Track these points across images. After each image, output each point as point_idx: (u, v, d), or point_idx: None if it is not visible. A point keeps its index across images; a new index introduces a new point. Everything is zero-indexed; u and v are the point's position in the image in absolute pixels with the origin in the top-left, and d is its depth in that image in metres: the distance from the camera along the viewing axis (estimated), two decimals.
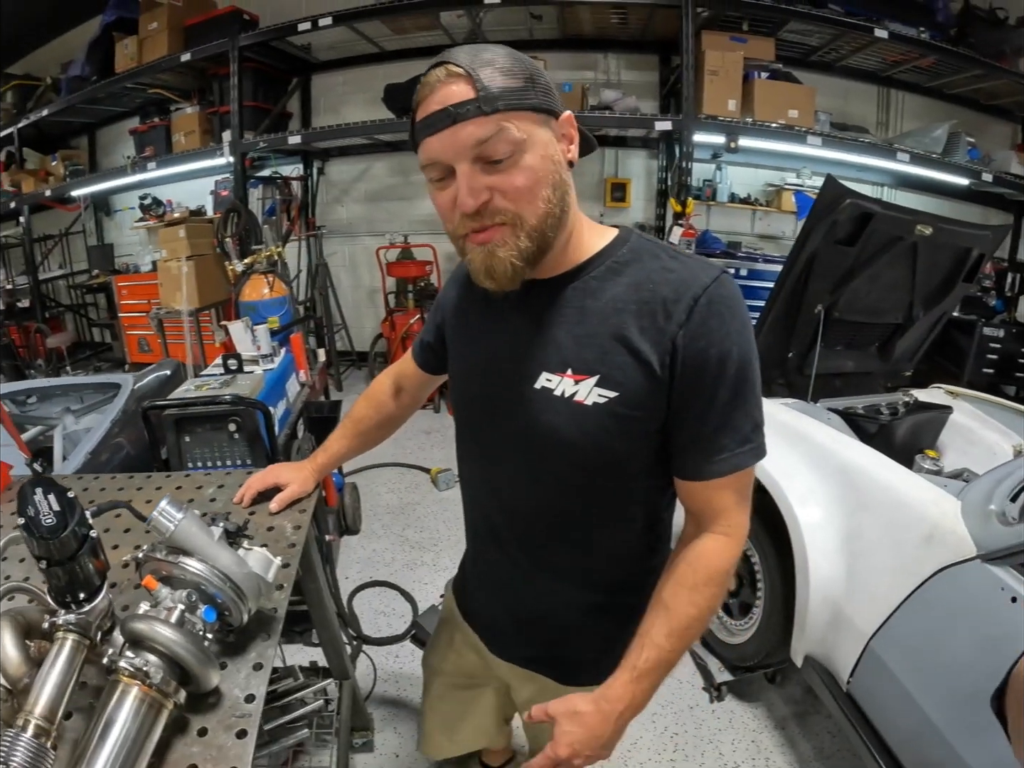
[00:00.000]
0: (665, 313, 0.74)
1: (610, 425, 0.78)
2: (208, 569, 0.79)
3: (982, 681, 1.23)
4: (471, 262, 0.76)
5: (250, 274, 3.01)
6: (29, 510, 0.72)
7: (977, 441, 2.22)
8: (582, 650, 1.00)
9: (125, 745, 0.69)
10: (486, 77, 0.68)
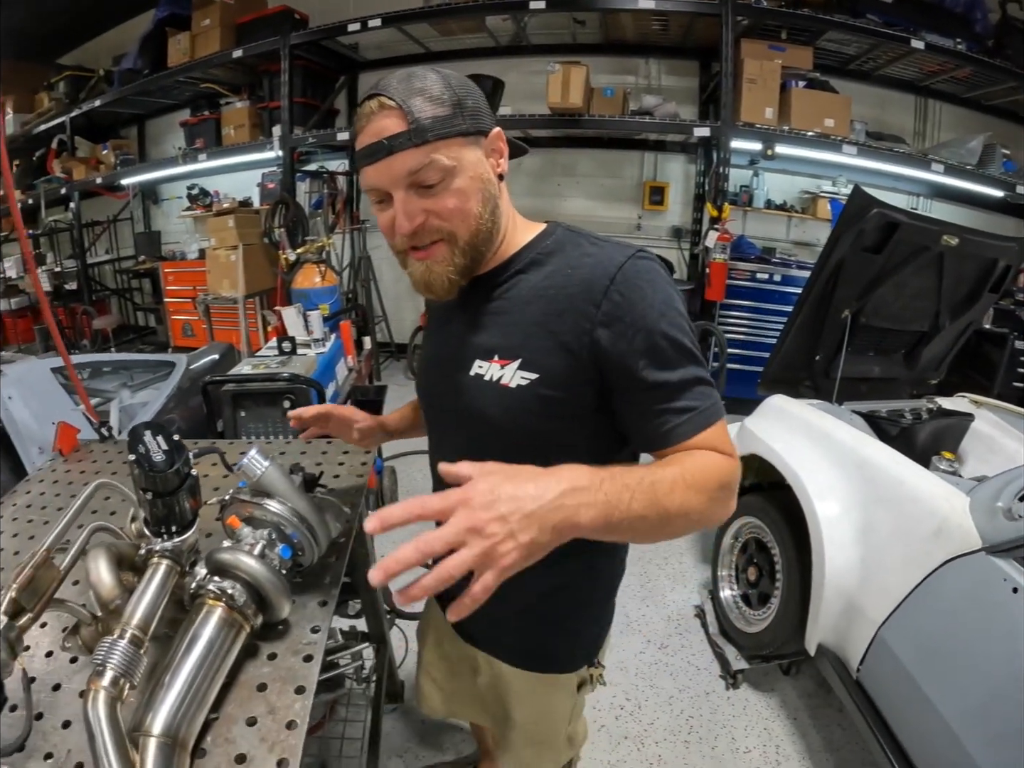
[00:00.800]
0: (584, 295, 0.77)
1: (533, 406, 0.80)
2: (288, 511, 0.91)
3: (984, 669, 1.31)
4: (411, 275, 0.83)
5: (303, 263, 3.18)
6: (140, 448, 0.81)
7: (998, 449, 2.27)
8: (529, 634, 1.03)
9: (207, 658, 0.76)
10: (416, 108, 0.72)
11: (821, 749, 1.94)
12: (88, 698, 0.67)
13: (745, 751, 1.94)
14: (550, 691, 1.08)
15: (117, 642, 0.72)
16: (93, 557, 0.85)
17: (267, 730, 0.75)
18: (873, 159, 3.98)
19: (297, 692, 0.80)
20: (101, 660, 0.70)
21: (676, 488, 0.69)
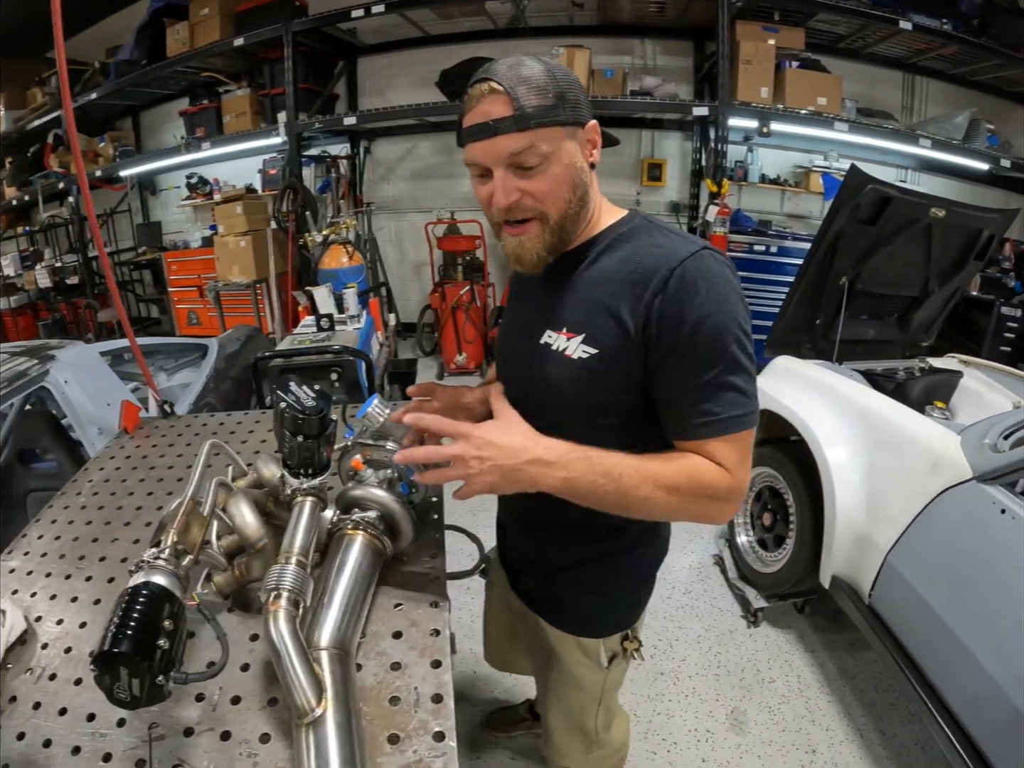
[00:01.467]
0: (644, 283, 0.83)
1: (590, 377, 0.88)
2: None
3: (982, 580, 1.51)
4: (504, 247, 0.91)
5: (329, 244, 3.32)
6: (290, 396, 0.91)
7: (986, 404, 2.48)
8: (567, 593, 1.10)
9: (357, 578, 0.86)
10: (522, 96, 0.79)
11: (837, 677, 2.15)
12: (269, 618, 0.73)
13: (770, 681, 2.15)
14: (580, 658, 1.14)
15: (286, 567, 0.79)
16: (235, 503, 0.94)
17: (414, 640, 0.86)
18: (863, 135, 4.18)
19: (432, 606, 0.92)
20: (275, 584, 0.77)
21: (644, 484, 0.80)
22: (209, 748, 0.73)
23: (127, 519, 1.22)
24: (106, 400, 2.16)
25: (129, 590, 0.70)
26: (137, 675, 0.65)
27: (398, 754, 0.69)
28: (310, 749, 0.66)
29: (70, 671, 0.86)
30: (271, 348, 3.72)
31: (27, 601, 1.01)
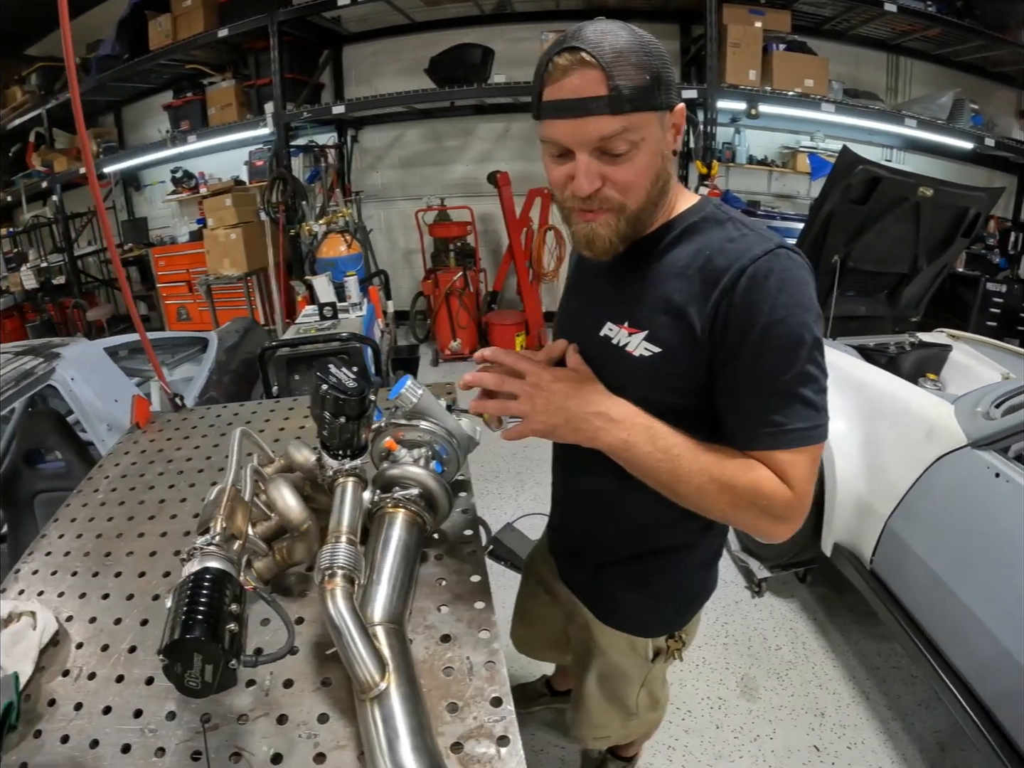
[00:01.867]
0: (714, 281, 0.77)
1: (651, 377, 0.83)
2: (440, 428, 1.07)
3: (979, 540, 1.59)
4: (575, 233, 0.84)
5: (328, 233, 3.32)
6: (331, 379, 0.90)
7: (975, 376, 2.56)
8: (617, 590, 1.09)
9: (403, 555, 0.88)
10: (619, 74, 0.70)
11: (841, 643, 2.23)
12: (327, 596, 0.73)
13: (776, 648, 2.22)
14: (626, 652, 1.13)
15: (337, 546, 0.79)
16: (275, 487, 0.94)
17: (460, 612, 0.87)
18: (850, 115, 4.23)
19: (473, 580, 0.93)
20: (328, 563, 0.77)
21: (701, 474, 0.77)
22: (267, 733, 0.73)
23: (151, 513, 1.22)
24: (113, 396, 2.17)
25: (191, 577, 0.70)
26: (211, 660, 0.64)
27: (459, 722, 0.71)
28: (378, 723, 0.67)
29: (109, 669, 0.85)
30: (269, 340, 3.73)
31: (55, 601, 1.00)
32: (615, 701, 1.22)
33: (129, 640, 0.90)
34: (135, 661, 0.86)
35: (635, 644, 1.12)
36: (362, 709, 0.69)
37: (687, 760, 1.81)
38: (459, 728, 0.71)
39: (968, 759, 1.78)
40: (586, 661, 1.21)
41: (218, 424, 1.64)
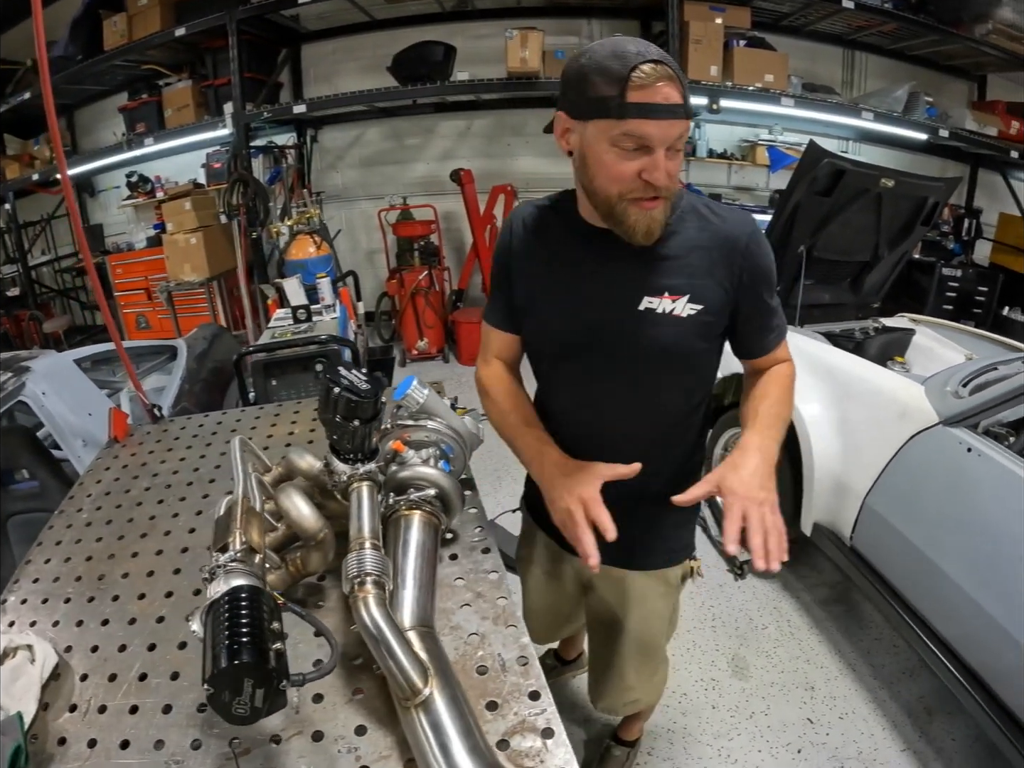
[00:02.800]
0: (730, 246, 1.00)
1: (698, 330, 1.03)
2: (446, 427, 1.09)
3: (953, 511, 1.68)
4: (635, 223, 0.94)
5: (295, 235, 3.27)
6: (343, 381, 0.89)
7: (938, 358, 2.68)
8: (655, 537, 1.21)
9: (424, 556, 0.88)
10: (686, 88, 0.88)
11: (824, 618, 2.32)
12: (360, 605, 0.72)
13: (763, 627, 2.29)
14: (659, 590, 1.27)
15: (363, 552, 0.78)
16: (287, 496, 0.92)
17: (483, 610, 0.89)
18: (809, 109, 4.36)
19: (491, 576, 0.95)
20: (357, 571, 0.75)
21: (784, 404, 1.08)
22: (303, 752, 0.71)
23: (142, 530, 1.18)
24: (87, 410, 2.10)
25: (225, 597, 0.68)
26: (262, 684, 0.62)
27: (500, 719, 0.72)
28: (426, 729, 0.66)
29: (121, 699, 0.81)
30: (239, 346, 3.66)
31: (50, 631, 0.94)
32: (647, 657, 1.35)
33: (138, 667, 0.86)
34: (148, 689, 0.82)
35: (668, 577, 1.28)
36: (407, 716, 0.69)
37: (687, 741, 1.86)
38: (502, 725, 0.71)
39: (954, 721, 1.88)
40: (618, 622, 1.30)
41: (202, 434, 1.59)
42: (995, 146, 4.85)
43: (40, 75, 1.21)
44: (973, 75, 5.40)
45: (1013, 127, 4.86)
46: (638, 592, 1.26)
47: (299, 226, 3.41)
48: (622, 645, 1.32)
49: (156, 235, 5.51)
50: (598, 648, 1.43)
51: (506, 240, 1.15)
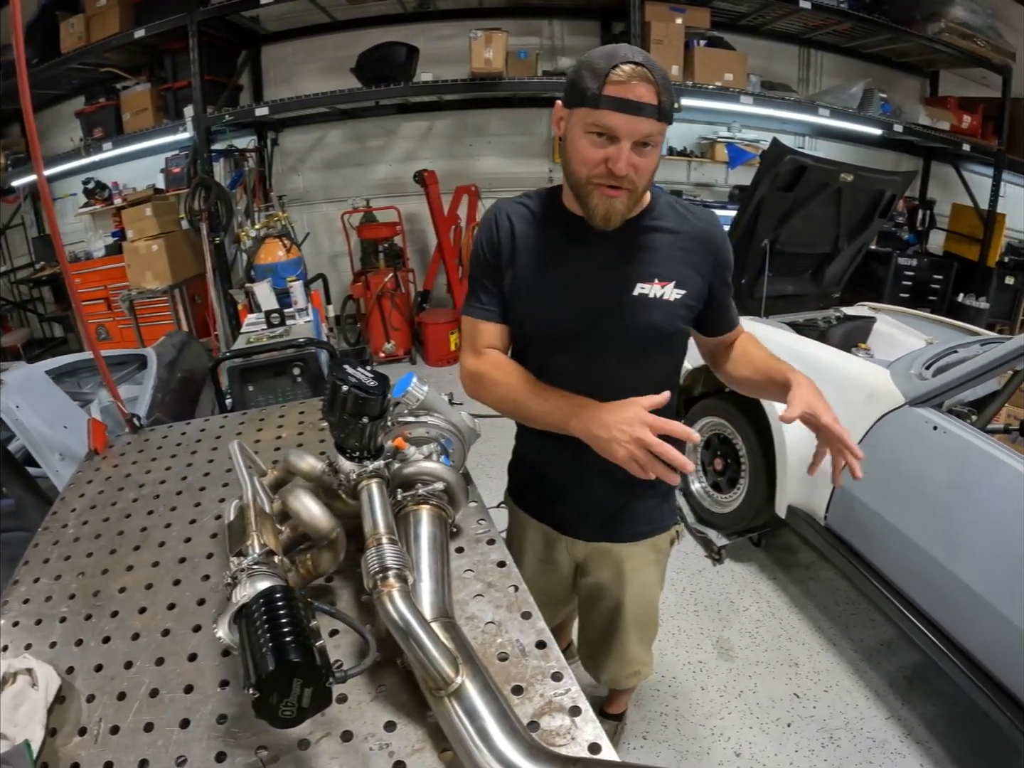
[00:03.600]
0: (705, 238, 1.15)
1: (683, 312, 1.15)
2: (445, 422, 1.11)
3: (921, 486, 1.77)
4: (596, 206, 1.03)
5: (264, 238, 3.23)
6: (351, 379, 0.90)
7: (898, 343, 2.81)
8: (644, 508, 1.31)
9: (437, 549, 0.89)
10: (664, 92, 0.95)
11: (801, 597, 2.42)
12: (386, 600, 0.72)
13: (744, 609, 2.37)
14: (651, 557, 1.37)
15: (381, 547, 0.78)
16: (296, 498, 0.92)
17: (496, 599, 0.90)
18: (768, 107, 4.50)
19: (500, 566, 0.97)
20: (378, 566, 0.76)
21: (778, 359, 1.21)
22: (335, 753, 0.71)
23: (134, 543, 1.15)
24: (62, 422, 2.04)
25: (260, 599, 0.68)
26: (311, 683, 0.61)
27: (527, 702, 0.74)
28: (462, 717, 0.67)
29: (133, 718, 0.78)
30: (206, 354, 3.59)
31: (48, 653, 0.91)
32: (645, 622, 1.45)
33: (148, 683, 0.83)
34: (161, 705, 0.80)
35: (658, 544, 1.37)
36: (440, 706, 0.69)
37: (680, 723, 1.91)
38: (529, 708, 0.73)
39: (933, 688, 1.98)
40: (616, 597, 1.38)
41: (185, 442, 1.57)
42: (947, 140, 5.08)
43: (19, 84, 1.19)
44: (926, 72, 5.65)
45: (965, 121, 5.11)
46: (634, 563, 1.35)
47: (267, 229, 3.37)
48: (622, 620, 1.40)
49: (115, 243, 5.37)
50: (596, 626, 1.49)
51: (490, 234, 1.18)
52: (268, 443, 1.49)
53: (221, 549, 1.10)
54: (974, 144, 5.14)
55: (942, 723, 1.89)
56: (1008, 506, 1.55)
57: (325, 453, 1.31)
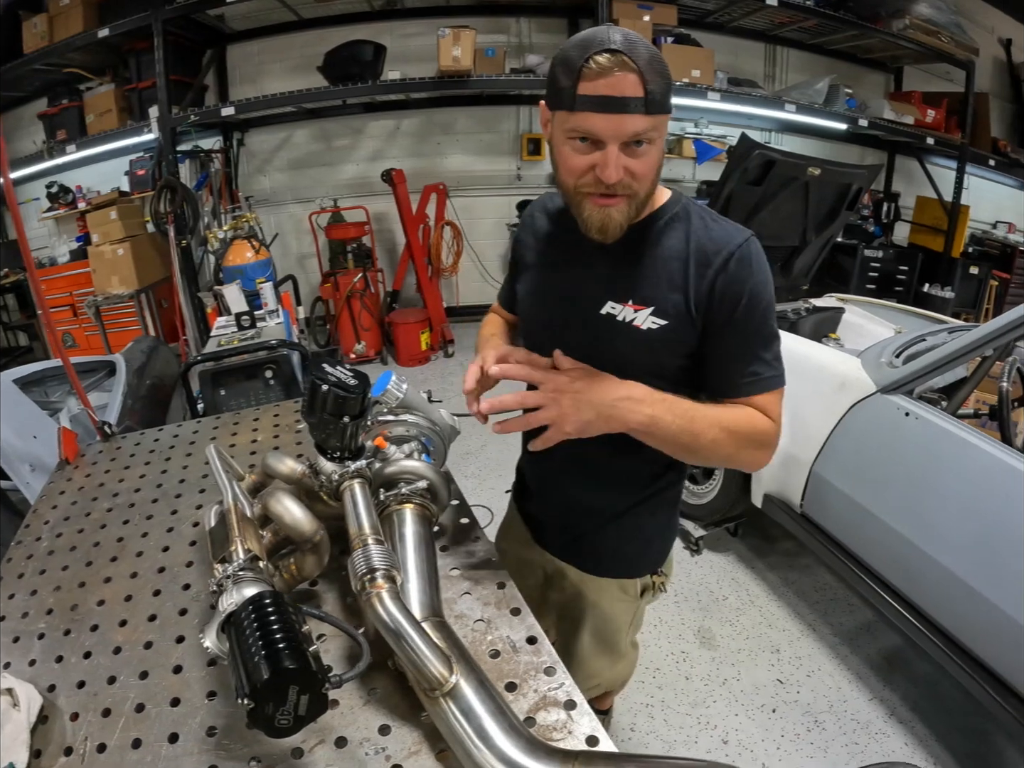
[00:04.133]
0: (707, 262, 0.91)
1: (656, 346, 0.95)
2: (425, 421, 1.10)
3: (898, 470, 1.81)
4: (588, 217, 0.90)
5: (232, 240, 3.18)
6: (330, 378, 0.88)
7: (866, 333, 2.88)
8: (611, 541, 1.17)
9: (423, 547, 0.89)
10: (651, 80, 0.78)
11: (780, 584, 2.46)
12: (375, 601, 0.71)
13: (723, 598, 2.41)
14: (617, 595, 1.22)
15: (368, 548, 0.77)
16: (277, 502, 0.91)
17: (485, 596, 0.90)
18: (735, 103, 4.56)
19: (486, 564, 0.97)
20: (366, 567, 0.74)
21: (713, 428, 0.90)
22: (331, 760, 0.70)
23: (111, 554, 1.12)
24: (32, 432, 1.97)
25: (248, 606, 0.66)
26: (308, 690, 0.60)
27: (522, 698, 0.74)
28: (459, 717, 0.66)
29: (120, 735, 0.76)
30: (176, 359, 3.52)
31: (28, 672, 0.88)
32: (606, 648, 1.29)
33: (133, 698, 0.81)
34: (148, 720, 0.78)
35: (625, 587, 1.22)
36: (435, 707, 0.69)
37: (667, 713, 1.94)
38: (524, 704, 0.73)
39: (913, 668, 2.04)
40: (577, 620, 1.27)
41: (159, 449, 1.54)
42: (912, 133, 5.20)
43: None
44: (890, 67, 5.78)
45: (929, 115, 5.24)
46: (593, 595, 1.23)
47: (236, 231, 3.32)
48: (581, 639, 1.30)
49: (80, 248, 5.23)
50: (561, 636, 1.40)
51: (520, 228, 1.17)
52: (243, 447, 1.47)
53: (201, 557, 1.09)
54: (938, 138, 5.27)
55: (924, 702, 1.94)
56: (979, 486, 1.61)
57: (303, 455, 1.30)
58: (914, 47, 4.93)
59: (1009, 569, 1.51)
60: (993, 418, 1.84)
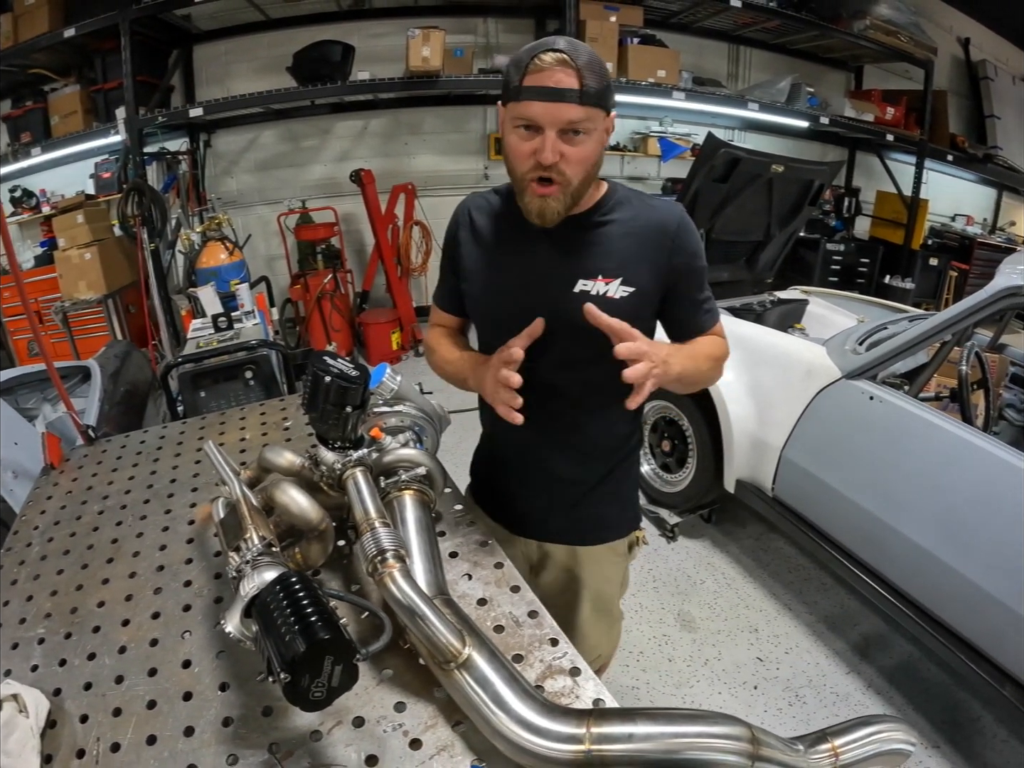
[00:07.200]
0: (661, 233, 1.07)
1: (630, 310, 1.05)
2: (418, 411, 1.15)
3: (864, 452, 1.91)
4: (529, 204, 1.02)
5: (205, 242, 3.16)
6: (332, 369, 0.90)
7: (830, 323, 2.99)
8: (603, 509, 1.28)
9: (422, 529, 0.92)
10: (587, 76, 0.92)
11: (754, 567, 2.55)
12: (387, 580, 0.74)
13: (700, 582, 2.49)
14: (610, 557, 1.33)
15: (376, 531, 0.80)
16: (282, 492, 0.93)
17: (485, 576, 0.94)
18: (700, 102, 4.67)
19: (482, 546, 1.02)
20: (376, 549, 0.77)
21: (706, 360, 1.12)
22: (350, 740, 0.71)
23: (107, 556, 1.13)
24: (12, 439, 1.95)
25: (276, 587, 0.68)
26: (342, 659, 0.62)
27: (528, 669, 0.77)
28: (474, 687, 0.69)
29: (134, 733, 0.76)
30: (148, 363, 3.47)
31: (31, 677, 0.87)
32: (604, 614, 1.40)
33: (143, 695, 0.81)
34: (160, 716, 0.78)
35: (615, 548, 1.33)
36: (450, 679, 0.72)
37: (652, 695, 2.00)
38: (531, 673, 0.77)
39: (887, 640, 2.14)
40: (575, 593, 1.35)
41: (145, 451, 1.54)
42: (872, 130, 5.39)
43: None
44: (851, 66, 5.97)
45: (888, 113, 5.43)
46: (589, 565, 1.32)
47: (209, 232, 3.29)
48: (581, 609, 1.36)
49: (44, 253, 5.09)
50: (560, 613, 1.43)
51: (452, 229, 1.22)
52: (233, 445, 1.48)
53: (200, 553, 1.11)
54: (897, 134, 5.46)
55: (900, 672, 2.04)
56: (942, 464, 1.72)
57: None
58: (874, 47, 5.10)
59: (972, 539, 1.61)
60: (954, 400, 1.94)
